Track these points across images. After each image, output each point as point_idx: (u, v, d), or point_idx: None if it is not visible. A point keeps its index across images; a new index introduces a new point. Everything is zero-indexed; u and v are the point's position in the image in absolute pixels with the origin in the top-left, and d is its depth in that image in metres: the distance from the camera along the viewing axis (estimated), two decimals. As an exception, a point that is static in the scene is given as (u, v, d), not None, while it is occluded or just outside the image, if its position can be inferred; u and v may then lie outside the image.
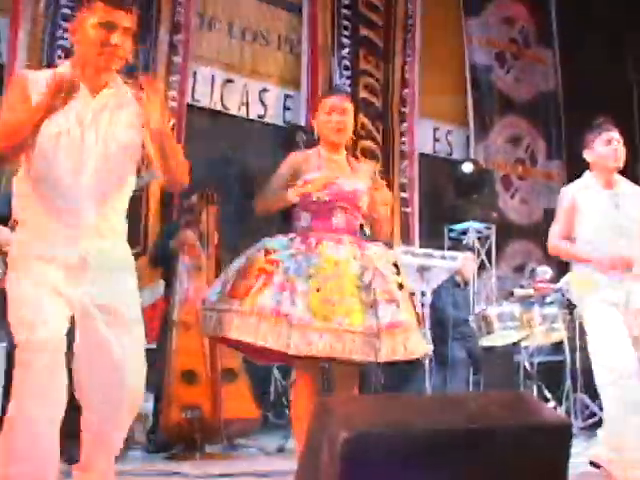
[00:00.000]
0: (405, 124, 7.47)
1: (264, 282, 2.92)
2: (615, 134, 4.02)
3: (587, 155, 4.09)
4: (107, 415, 2.60)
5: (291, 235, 3.14)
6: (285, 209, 3.31)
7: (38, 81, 2.53)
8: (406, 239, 7.22)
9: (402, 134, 7.47)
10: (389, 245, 4.09)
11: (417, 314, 3.15)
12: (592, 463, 3.84)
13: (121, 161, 2.64)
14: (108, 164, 2.58)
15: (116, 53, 2.52)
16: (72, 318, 2.55)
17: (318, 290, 2.91)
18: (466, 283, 6.73)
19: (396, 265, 3.18)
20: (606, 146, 3.99)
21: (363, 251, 3.10)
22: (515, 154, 8.38)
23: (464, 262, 6.32)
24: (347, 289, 2.95)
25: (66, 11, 5.77)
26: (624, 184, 4.11)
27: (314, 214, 3.19)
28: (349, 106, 3.32)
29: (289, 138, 6.31)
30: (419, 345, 3.05)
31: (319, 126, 3.34)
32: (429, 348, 3.19)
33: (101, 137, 2.56)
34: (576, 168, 4.37)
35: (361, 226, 4.43)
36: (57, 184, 2.53)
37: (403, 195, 7.36)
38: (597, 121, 4.16)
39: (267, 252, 3.04)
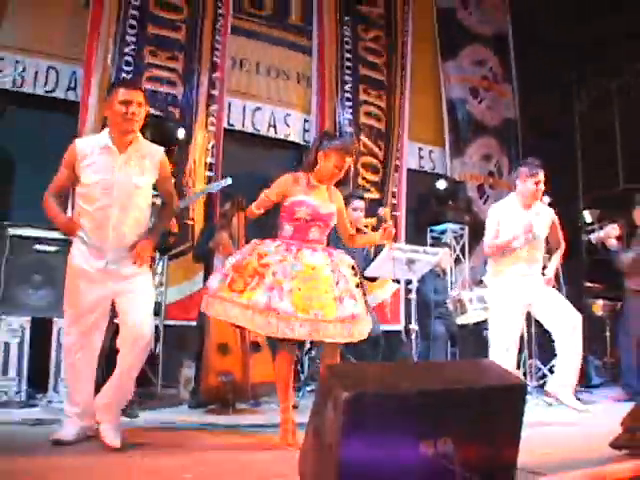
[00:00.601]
0: (399, 144, 7.45)
1: (257, 282, 3.06)
2: (542, 177, 4.30)
3: (518, 185, 4.38)
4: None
5: (277, 242, 3.24)
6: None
7: (84, 148, 3.08)
8: (395, 238, 7.20)
9: (398, 151, 7.45)
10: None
11: (366, 304, 3.27)
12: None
13: (139, 198, 3.12)
14: (129, 200, 3.07)
15: (133, 120, 3.06)
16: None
17: (300, 289, 3.05)
18: (444, 272, 6.70)
19: (353, 267, 3.31)
20: (535, 185, 4.29)
21: (331, 257, 3.24)
22: (487, 168, 8.35)
23: (442, 256, 6.31)
24: (322, 288, 3.10)
25: (128, 59, 5.82)
26: (539, 206, 4.43)
27: (296, 228, 3.30)
28: (349, 160, 3.38)
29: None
30: (367, 327, 3.19)
31: (322, 167, 3.36)
32: (371, 329, 3.26)
33: (122, 181, 3.05)
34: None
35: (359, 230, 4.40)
36: (95, 216, 3.06)
37: (394, 201, 7.32)
38: (533, 162, 4.31)
39: (259, 256, 3.15)
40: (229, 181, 5.16)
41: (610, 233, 4.94)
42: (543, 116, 7.76)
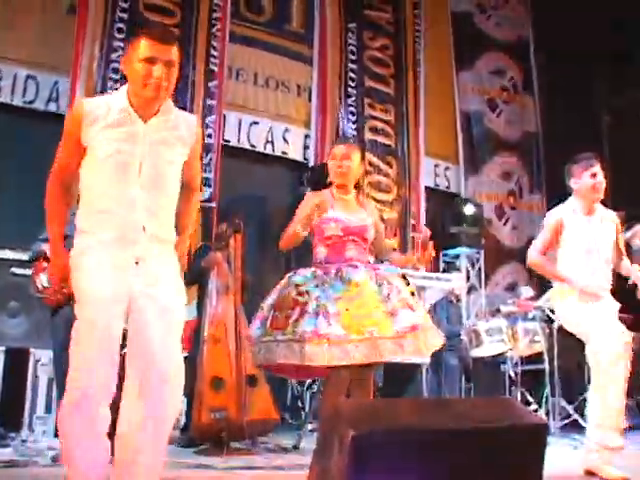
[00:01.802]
0: (414, 160, 7.53)
1: (300, 312, 3.01)
2: (599, 169, 4.01)
3: (574, 184, 4.06)
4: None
5: (312, 269, 3.20)
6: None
7: (93, 108, 2.47)
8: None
9: (414, 168, 7.53)
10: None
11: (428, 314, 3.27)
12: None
13: (167, 176, 2.54)
14: (158, 182, 2.50)
15: (159, 85, 2.42)
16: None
17: (347, 310, 3.00)
18: (458, 299, 6.74)
19: (404, 277, 3.28)
20: (592, 179, 3.99)
21: (376, 271, 3.19)
22: (508, 187, 8.39)
23: (457, 282, 6.38)
24: (371, 304, 3.04)
25: (115, 66, 5.90)
26: (602, 211, 4.10)
27: (330, 248, 3.27)
28: (353, 152, 3.41)
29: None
30: (436, 339, 3.16)
31: (329, 171, 3.43)
32: (443, 340, 3.24)
33: (150, 156, 2.47)
34: (555, 200, 4.36)
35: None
36: (109, 196, 2.45)
37: (412, 222, 7.37)
38: (585, 155, 4.15)
39: (296, 286, 3.12)
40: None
41: (638, 233, 4.81)
42: (567, 129, 7.82)
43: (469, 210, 7.61)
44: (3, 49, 5.74)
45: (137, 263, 2.44)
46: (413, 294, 3.21)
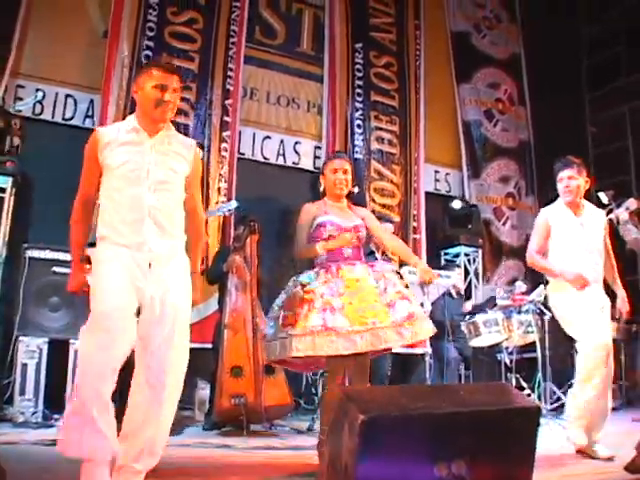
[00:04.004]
0: (416, 167, 7.51)
1: (308, 308, 3.07)
2: (564, 173, 3.98)
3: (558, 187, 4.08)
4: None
5: (315, 269, 3.27)
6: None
7: (107, 133, 2.65)
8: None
9: (415, 174, 7.50)
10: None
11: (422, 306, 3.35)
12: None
13: (175, 186, 2.67)
14: (164, 185, 2.62)
15: (168, 107, 2.64)
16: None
17: (350, 303, 3.07)
18: (459, 294, 6.70)
19: (398, 273, 3.36)
20: (559, 183, 4.01)
21: (372, 268, 3.28)
22: (506, 189, 8.36)
23: (457, 278, 6.35)
24: (370, 298, 3.11)
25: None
26: (588, 208, 4.07)
27: (328, 250, 3.30)
28: (349, 166, 3.48)
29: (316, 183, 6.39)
30: (429, 327, 3.21)
31: (326, 182, 3.47)
32: (434, 329, 3.26)
33: (156, 163, 2.61)
34: (547, 202, 4.32)
35: (372, 252, 4.49)
36: (126, 206, 2.57)
37: (414, 224, 7.35)
38: (558, 162, 4.11)
39: (303, 285, 3.18)
40: (235, 204, 5.25)
41: (630, 206, 4.64)
42: (556, 138, 7.79)
43: (467, 212, 7.58)
44: (47, 72, 5.82)
45: (150, 265, 2.54)
46: (407, 287, 3.27)
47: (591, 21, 9.12)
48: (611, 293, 4.01)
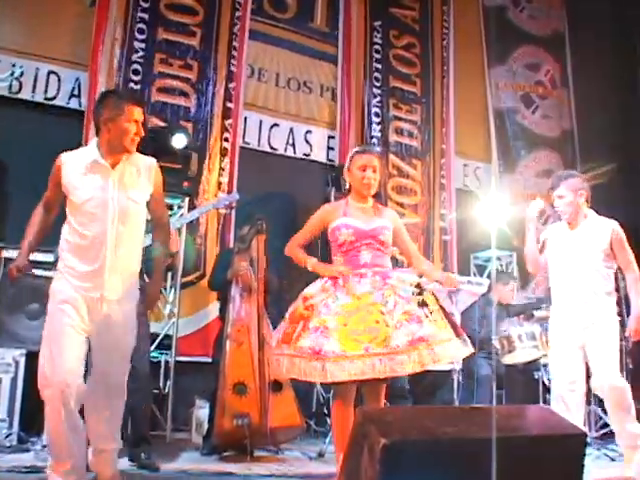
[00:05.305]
0: (443, 160, 7.50)
1: (302, 327, 3.16)
2: (553, 193, 4.49)
3: None
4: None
5: (324, 279, 3.32)
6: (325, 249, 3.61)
7: (69, 164, 3.14)
8: (446, 264, 7.23)
9: (441, 168, 7.49)
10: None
11: (451, 323, 3.24)
12: None
13: (136, 215, 3.17)
14: (126, 218, 3.11)
15: (136, 140, 3.16)
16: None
17: (345, 325, 3.10)
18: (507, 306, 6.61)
19: (419, 285, 3.28)
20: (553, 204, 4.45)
21: (385, 280, 3.25)
22: (546, 185, 8.30)
23: (507, 291, 6.32)
24: (370, 319, 3.11)
25: (136, 67, 6.00)
26: (591, 220, 4.30)
27: (344, 255, 3.37)
28: (379, 163, 3.49)
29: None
30: (451, 353, 3.15)
31: (352, 179, 3.47)
32: (463, 352, 3.23)
33: (118, 198, 3.10)
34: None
35: (394, 258, 4.47)
36: (88, 237, 3.07)
37: (442, 224, 7.34)
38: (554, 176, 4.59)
39: (305, 299, 3.26)
40: (236, 196, 5.26)
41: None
42: (604, 128, 7.73)
43: (496, 210, 7.53)
44: (25, 44, 5.76)
45: (100, 297, 3.06)
46: (425, 304, 3.20)
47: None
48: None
